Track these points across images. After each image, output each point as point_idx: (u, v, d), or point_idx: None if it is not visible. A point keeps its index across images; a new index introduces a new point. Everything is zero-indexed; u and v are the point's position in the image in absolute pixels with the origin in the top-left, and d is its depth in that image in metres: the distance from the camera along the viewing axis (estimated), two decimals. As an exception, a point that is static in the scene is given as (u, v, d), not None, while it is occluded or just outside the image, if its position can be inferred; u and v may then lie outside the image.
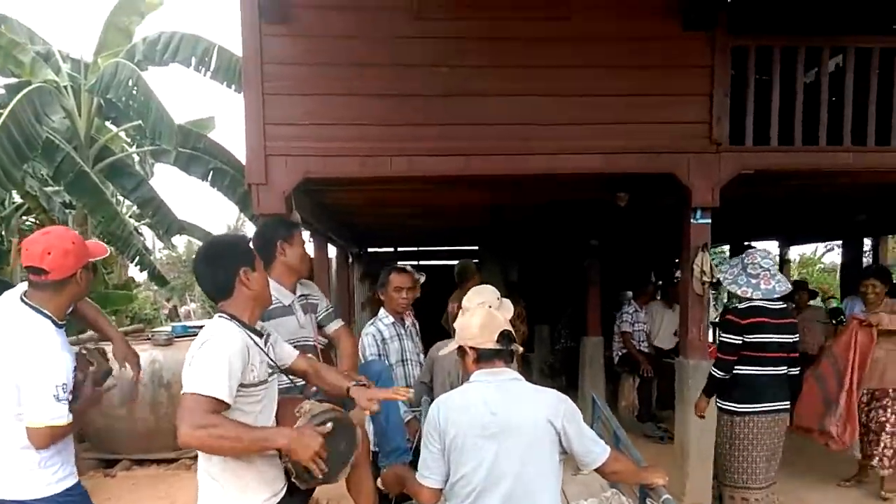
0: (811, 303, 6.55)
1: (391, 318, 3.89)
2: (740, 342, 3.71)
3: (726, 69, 4.53)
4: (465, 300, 3.24)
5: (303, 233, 3.24)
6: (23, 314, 2.22)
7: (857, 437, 4.42)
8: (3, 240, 10.34)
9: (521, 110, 4.46)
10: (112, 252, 10.30)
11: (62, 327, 2.30)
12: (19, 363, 2.13)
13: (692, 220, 4.70)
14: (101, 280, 10.68)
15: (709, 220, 4.69)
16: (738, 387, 3.75)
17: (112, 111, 9.92)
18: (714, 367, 3.85)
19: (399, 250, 11.15)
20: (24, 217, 11.06)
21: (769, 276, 3.73)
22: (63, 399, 2.15)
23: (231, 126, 9.34)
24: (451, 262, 11.26)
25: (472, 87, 4.42)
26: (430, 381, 3.52)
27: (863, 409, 4.62)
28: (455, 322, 3.19)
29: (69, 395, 2.19)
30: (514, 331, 2.45)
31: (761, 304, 3.70)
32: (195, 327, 6.82)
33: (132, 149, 11.43)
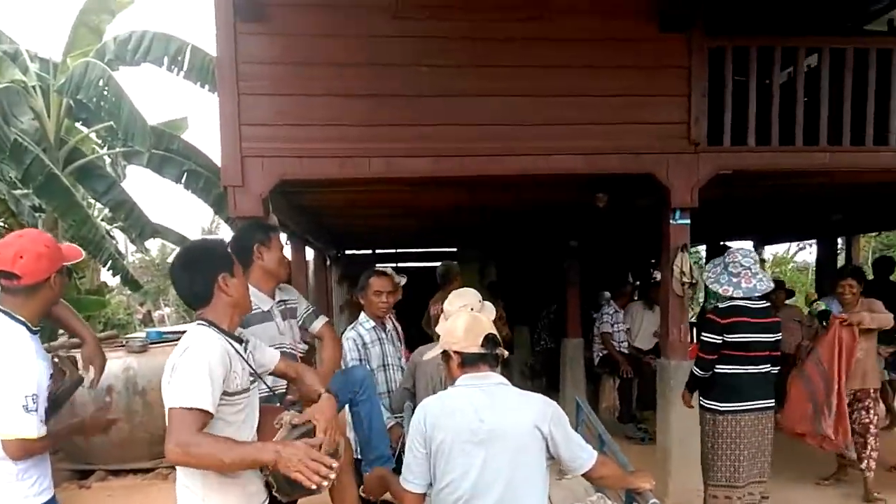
0: (788, 301, 6.63)
1: (372, 323, 3.83)
2: (720, 341, 3.71)
3: (703, 70, 4.55)
4: (447, 304, 3.19)
5: (281, 236, 3.17)
6: None
7: (850, 436, 4.44)
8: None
9: (501, 111, 4.44)
10: (84, 256, 10.06)
11: (37, 333, 2.21)
12: None
13: (671, 221, 4.71)
14: (73, 285, 10.43)
15: (688, 221, 4.71)
16: (721, 386, 3.75)
17: (82, 112, 9.72)
18: (695, 365, 3.86)
19: (377, 252, 11.06)
20: (-8, 221, 10.77)
21: (750, 274, 3.73)
22: (32, 410, 2.04)
23: (205, 127, 9.27)
24: (430, 264, 11.27)
25: (452, 87, 4.39)
26: (413, 387, 3.47)
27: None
28: (438, 326, 3.15)
29: (42, 404, 2.09)
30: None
31: (742, 303, 3.71)
32: (170, 333, 6.68)
33: (103, 150, 11.18)
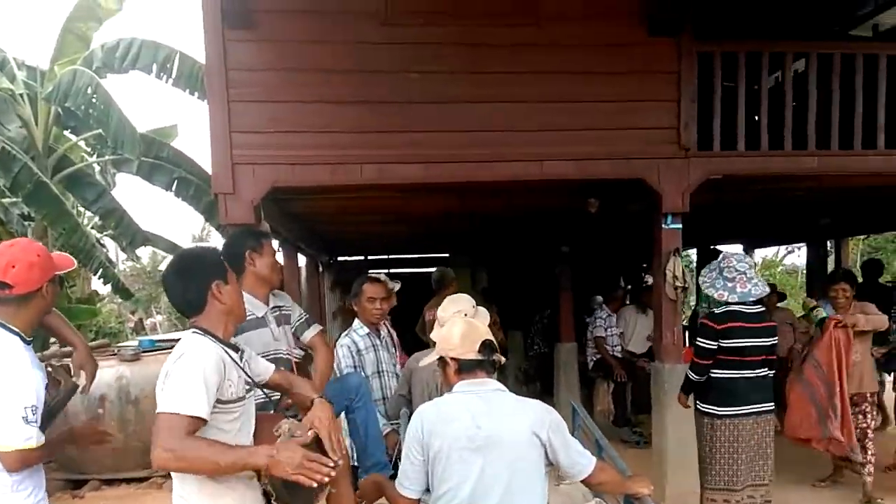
0: (779, 304, 6.67)
1: (366, 329, 3.82)
2: (715, 347, 3.72)
3: (693, 74, 4.58)
4: (440, 310, 3.18)
5: (272, 242, 3.15)
6: None
7: (854, 438, 4.44)
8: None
9: (492, 117, 4.45)
10: (76, 265, 9.97)
11: (30, 343, 2.19)
12: None
13: (663, 226, 4.73)
14: (64, 294, 10.35)
15: (679, 226, 4.73)
16: (718, 390, 3.76)
17: (71, 120, 9.65)
18: (690, 370, 3.88)
19: (369, 258, 11.04)
20: (-20, 230, 10.67)
21: (745, 279, 3.74)
22: (33, 421, 2.03)
23: (195, 134, 9.19)
24: (423, 270, 11.26)
25: (443, 94, 4.40)
26: (409, 393, 3.45)
27: None
28: (433, 333, 3.15)
29: (40, 415, 2.08)
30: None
31: (737, 308, 3.72)
32: (162, 341, 6.63)
33: (93, 158, 11.11)
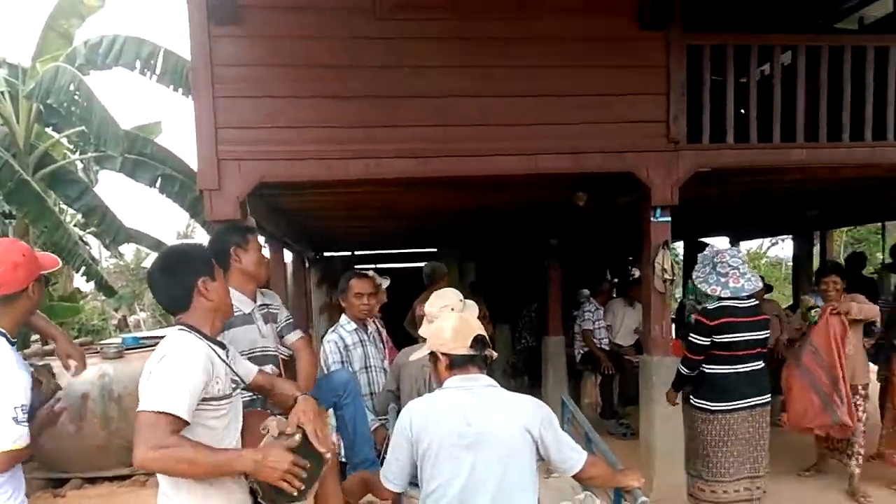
0: (766, 296, 6.69)
1: (353, 325, 3.79)
2: (708, 343, 3.72)
3: (682, 68, 4.58)
4: (428, 305, 3.16)
5: (258, 238, 3.11)
6: None
7: (856, 423, 4.48)
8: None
9: (484, 111, 4.42)
10: (60, 265, 9.86)
11: (14, 344, 2.15)
12: None
13: (652, 219, 4.72)
14: (46, 292, 10.21)
15: (669, 219, 4.73)
16: (711, 386, 3.76)
17: (53, 117, 9.51)
18: (681, 364, 3.88)
19: (356, 254, 10.99)
20: (-39, 229, 10.51)
21: (738, 274, 3.74)
22: (22, 421, 2.00)
23: (179, 131, 9.13)
24: (411, 265, 11.24)
25: (434, 88, 4.37)
26: (397, 389, 3.43)
27: None
28: (421, 328, 3.12)
29: (27, 415, 2.04)
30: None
31: (730, 303, 3.72)
32: (146, 338, 6.56)
33: (75, 156, 10.98)
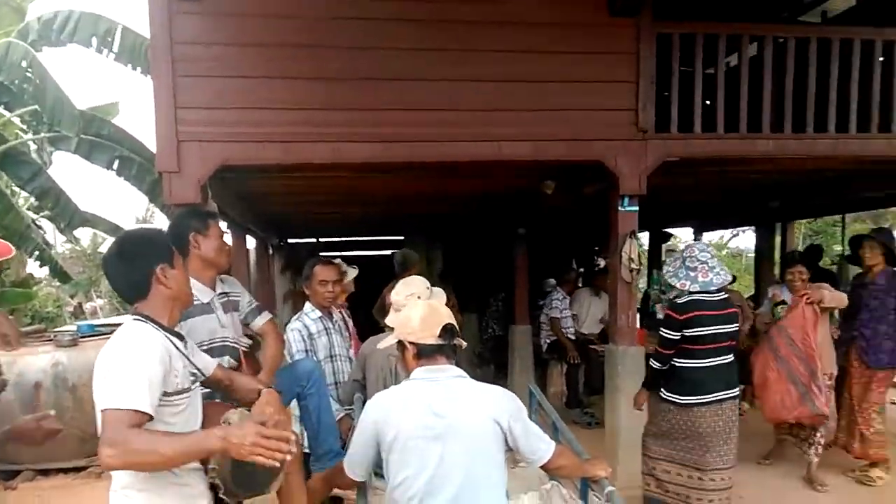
0: (729, 287, 6.78)
1: (317, 313, 3.71)
2: (678, 337, 3.72)
3: (651, 55, 4.56)
4: (394, 293, 3.11)
5: (220, 223, 2.99)
6: None
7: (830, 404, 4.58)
8: None
9: (450, 95, 4.34)
10: (14, 252, 9.52)
11: None
12: None
13: (620, 208, 4.71)
14: (-2, 278, 9.89)
15: (636, 208, 4.72)
16: (682, 380, 3.77)
17: (4, 95, 9.09)
18: (653, 359, 3.87)
19: (321, 241, 10.84)
20: None
21: (707, 268, 3.74)
22: None
23: (138, 112, 8.77)
24: (378, 253, 11.13)
25: (399, 71, 4.26)
26: (363, 379, 3.36)
27: None
28: (388, 317, 3.06)
29: None
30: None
31: (700, 296, 3.72)
32: (102, 325, 6.38)
33: (28, 136, 10.58)
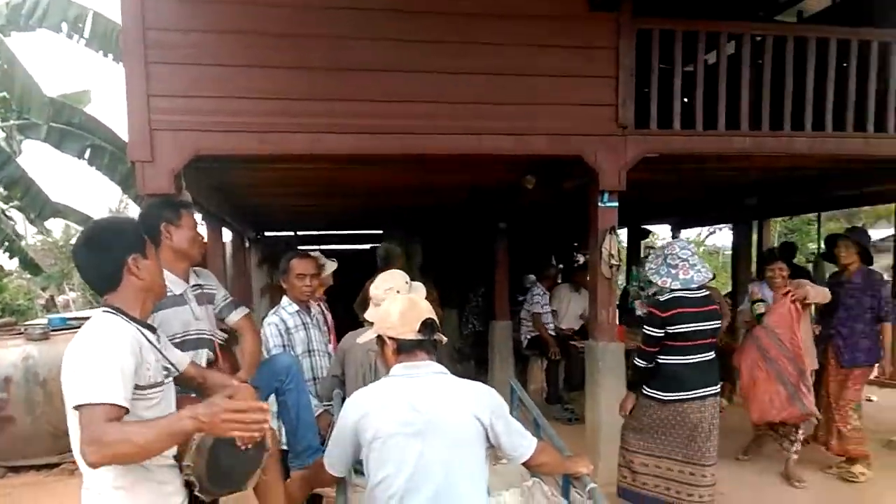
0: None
1: (295, 307, 3.64)
2: (662, 334, 3.72)
3: (631, 51, 4.55)
4: (373, 287, 3.06)
5: (194, 213, 2.91)
6: None
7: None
8: None
9: (430, 87, 4.29)
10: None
11: None
12: None
13: (600, 204, 4.71)
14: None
15: (616, 204, 4.72)
16: (663, 376, 3.77)
17: (-31, 81, 8.89)
18: (637, 358, 3.86)
19: (299, 234, 10.73)
20: None
21: (688, 266, 3.76)
22: None
23: (110, 101, 8.57)
24: (357, 247, 11.04)
25: (377, 62, 4.20)
26: (342, 374, 3.31)
27: None
28: (367, 312, 3.01)
29: None
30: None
31: (681, 294, 3.73)
32: (75, 319, 6.26)
33: (-5, 123, 10.32)
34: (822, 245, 7.04)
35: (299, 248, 4.09)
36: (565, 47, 4.49)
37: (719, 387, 3.87)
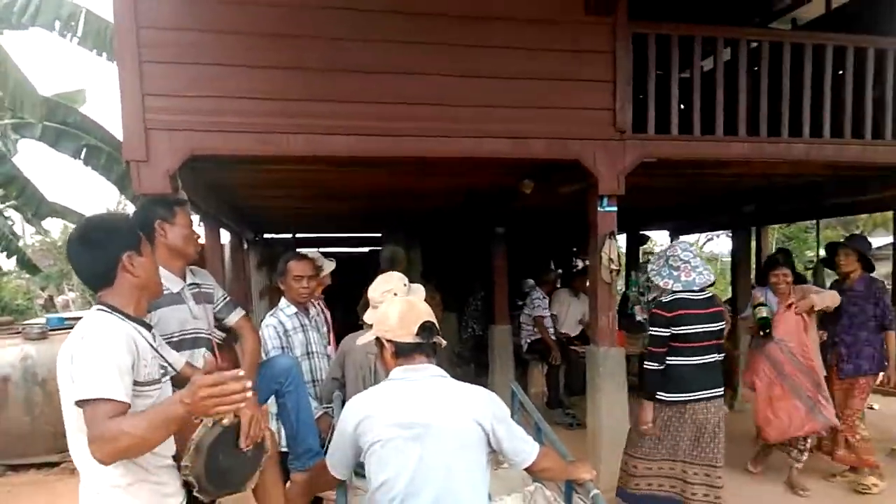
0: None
1: (293, 309, 3.61)
2: (668, 334, 3.70)
3: (628, 56, 4.54)
4: (371, 290, 3.04)
5: (188, 211, 2.87)
6: None
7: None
8: None
9: (427, 90, 4.26)
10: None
11: None
12: None
13: (599, 208, 4.69)
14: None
15: (615, 208, 4.71)
16: (667, 377, 3.74)
17: (-38, 78, 8.82)
18: (647, 360, 3.80)
19: (298, 236, 10.69)
20: None
21: (689, 268, 3.75)
22: None
23: (105, 101, 8.52)
24: (356, 250, 11.01)
25: (377, 64, 4.17)
26: (342, 376, 3.28)
27: None
28: (367, 312, 2.99)
29: None
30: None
31: (684, 295, 3.72)
32: (72, 319, 6.24)
33: (-10, 122, 10.25)
34: (822, 252, 7.02)
35: (297, 249, 4.04)
36: (562, 51, 4.47)
37: (722, 390, 3.82)
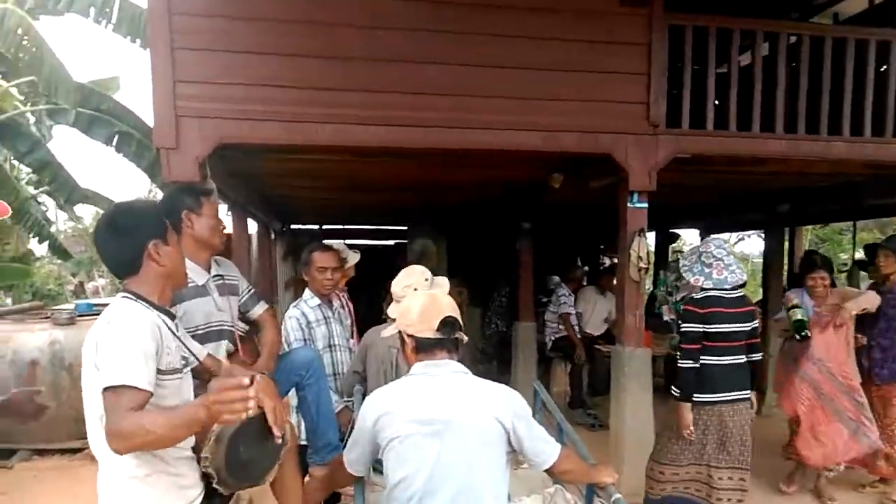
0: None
1: (317, 301, 3.59)
2: (701, 330, 3.62)
3: (663, 48, 4.44)
4: (394, 284, 3.01)
5: (216, 201, 2.86)
6: None
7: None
8: None
9: (458, 80, 4.21)
10: (7, 221, 9.47)
11: None
12: None
13: (629, 205, 4.60)
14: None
15: (646, 204, 4.62)
16: (698, 376, 3.65)
17: (0, 64, 8.97)
18: (681, 359, 3.70)
19: (325, 228, 10.72)
20: None
21: (722, 266, 3.66)
22: None
23: (139, 88, 8.62)
24: (382, 242, 11.01)
25: (409, 54, 4.13)
26: (364, 370, 3.25)
27: None
28: (391, 306, 2.96)
29: None
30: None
31: (716, 293, 3.64)
32: (101, 305, 6.31)
33: (26, 107, 10.44)
34: (859, 254, 6.81)
35: (324, 241, 4.02)
36: (596, 42, 4.38)
37: (749, 392, 3.72)
